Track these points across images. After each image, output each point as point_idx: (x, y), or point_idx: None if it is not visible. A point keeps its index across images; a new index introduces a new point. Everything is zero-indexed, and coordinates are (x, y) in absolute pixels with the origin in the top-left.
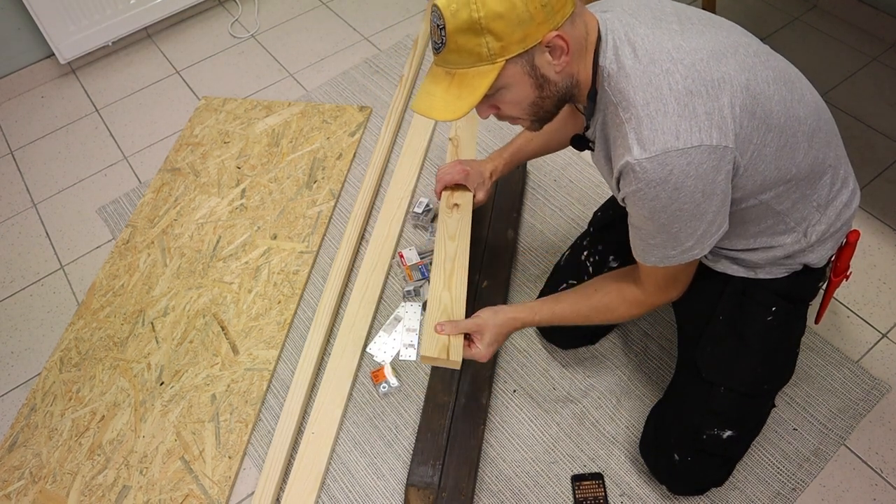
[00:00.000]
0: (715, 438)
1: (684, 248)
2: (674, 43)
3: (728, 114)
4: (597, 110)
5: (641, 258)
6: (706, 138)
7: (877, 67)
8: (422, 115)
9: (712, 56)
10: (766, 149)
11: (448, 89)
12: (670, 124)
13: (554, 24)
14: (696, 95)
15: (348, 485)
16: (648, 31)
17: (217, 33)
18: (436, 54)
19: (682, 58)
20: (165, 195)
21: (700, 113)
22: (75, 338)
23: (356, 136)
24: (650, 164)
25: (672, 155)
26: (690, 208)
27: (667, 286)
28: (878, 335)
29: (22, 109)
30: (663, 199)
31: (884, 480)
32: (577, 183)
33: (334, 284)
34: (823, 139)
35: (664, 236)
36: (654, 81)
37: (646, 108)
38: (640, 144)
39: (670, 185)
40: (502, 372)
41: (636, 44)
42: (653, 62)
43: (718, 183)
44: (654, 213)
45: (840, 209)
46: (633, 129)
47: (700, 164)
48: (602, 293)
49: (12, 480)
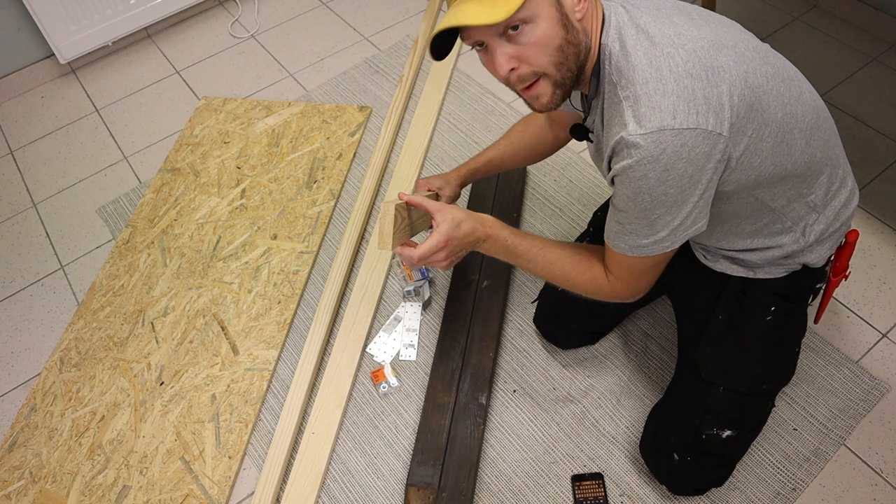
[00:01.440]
0: (715, 438)
1: (657, 237)
2: (675, 30)
3: (726, 102)
4: (598, 93)
5: (612, 242)
6: (703, 122)
7: (877, 67)
8: (455, 24)
9: (712, 46)
10: (761, 143)
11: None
12: (668, 104)
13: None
14: (696, 79)
15: (348, 485)
16: (650, 19)
17: (217, 33)
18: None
19: (683, 43)
20: (165, 195)
21: (699, 96)
22: (75, 338)
23: (356, 136)
24: (644, 140)
25: (667, 134)
26: (675, 194)
27: (629, 279)
28: (878, 335)
29: (22, 109)
30: (651, 179)
31: (884, 480)
32: (577, 183)
33: (334, 284)
34: (821, 138)
35: (641, 222)
36: (655, 62)
37: (644, 87)
38: (636, 120)
39: (661, 164)
40: (502, 372)
41: (639, 27)
42: (654, 45)
43: (707, 171)
44: (639, 193)
45: (839, 209)
46: (631, 106)
47: (693, 147)
48: (576, 257)
49: (12, 480)
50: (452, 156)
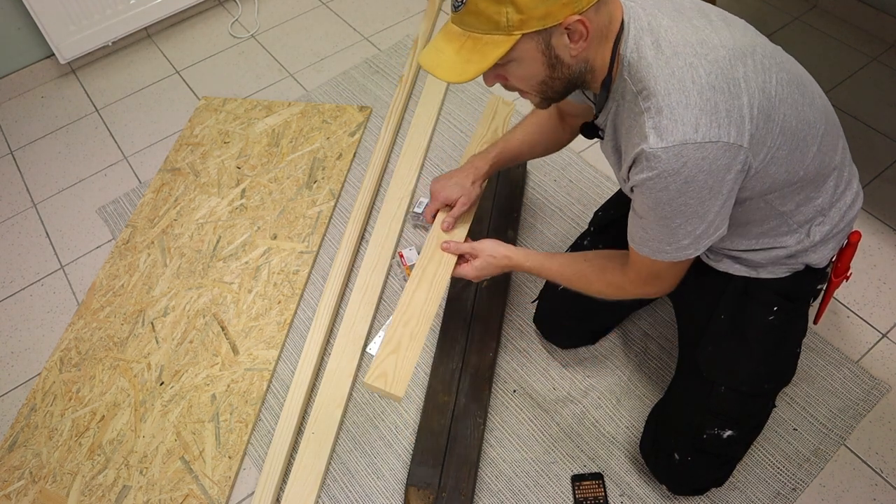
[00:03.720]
0: (715, 438)
1: (680, 245)
2: (697, 37)
3: (746, 114)
4: (610, 99)
5: (636, 246)
6: (724, 135)
7: (877, 67)
8: (427, 70)
9: (733, 55)
10: (779, 152)
11: (459, 51)
12: (691, 116)
13: (578, 7)
14: (718, 91)
15: (348, 485)
16: (672, 24)
17: (217, 33)
18: (454, 12)
19: (706, 53)
20: (165, 195)
21: (721, 109)
22: (75, 338)
23: (356, 136)
24: (665, 154)
25: (689, 147)
26: (695, 204)
27: (650, 280)
28: (878, 335)
29: (22, 109)
30: (672, 191)
31: (884, 480)
32: (577, 183)
33: (334, 284)
34: (831, 142)
35: (663, 230)
36: (678, 73)
37: (667, 99)
38: (657, 133)
39: (682, 177)
40: (502, 372)
41: (659, 35)
42: (676, 55)
43: (727, 182)
44: (659, 204)
45: (844, 210)
46: (653, 117)
47: (714, 160)
48: (589, 264)
49: (12, 480)
50: (452, 156)
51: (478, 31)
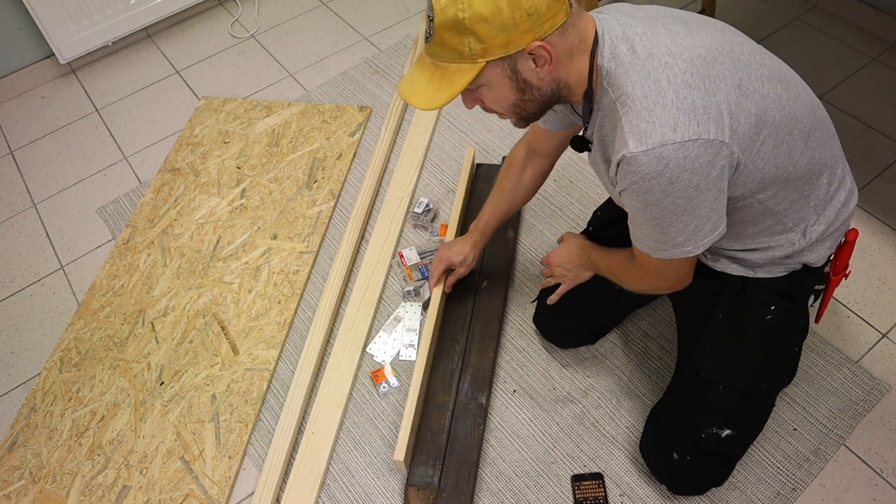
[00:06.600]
0: (714, 437)
1: (675, 242)
2: (672, 40)
3: (724, 109)
4: (595, 110)
5: (636, 244)
6: (703, 132)
7: (877, 67)
8: (404, 98)
9: (709, 53)
10: (763, 146)
11: (430, 80)
12: (668, 117)
13: (540, 33)
14: (694, 89)
15: (348, 485)
16: (646, 30)
17: (217, 33)
18: (425, 43)
19: (680, 52)
20: (165, 195)
21: (698, 106)
22: (75, 338)
23: (356, 136)
24: (646, 157)
25: (669, 148)
26: (682, 203)
27: (657, 276)
28: (878, 335)
29: (22, 109)
30: (657, 193)
31: (884, 480)
32: (577, 183)
33: (334, 284)
34: (820, 138)
35: (656, 230)
36: (653, 75)
37: (644, 101)
38: (636, 137)
39: (665, 178)
40: (502, 372)
41: (634, 41)
42: (651, 56)
43: (713, 178)
44: (646, 205)
45: (838, 209)
46: (631, 121)
47: (696, 157)
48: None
49: (12, 480)
50: (452, 156)
51: (446, 61)
